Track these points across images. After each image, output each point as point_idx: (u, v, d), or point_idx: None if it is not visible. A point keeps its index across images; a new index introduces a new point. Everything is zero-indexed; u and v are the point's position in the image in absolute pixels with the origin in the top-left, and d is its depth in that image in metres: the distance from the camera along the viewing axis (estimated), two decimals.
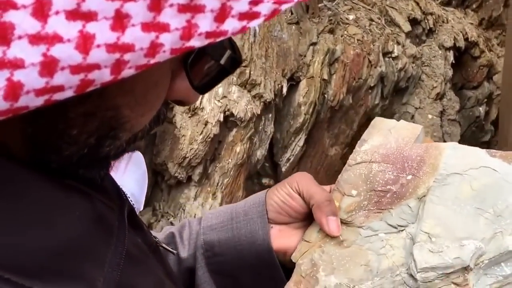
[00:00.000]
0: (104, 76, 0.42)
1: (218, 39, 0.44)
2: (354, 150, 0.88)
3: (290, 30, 2.32)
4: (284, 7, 0.43)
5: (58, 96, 0.41)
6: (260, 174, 2.49)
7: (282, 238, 0.85)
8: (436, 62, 2.84)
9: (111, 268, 0.48)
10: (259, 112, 2.20)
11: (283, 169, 2.49)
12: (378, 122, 0.90)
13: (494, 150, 0.82)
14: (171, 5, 0.43)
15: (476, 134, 3.36)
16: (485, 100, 3.29)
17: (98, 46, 0.40)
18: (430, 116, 2.95)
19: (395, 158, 0.84)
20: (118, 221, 0.54)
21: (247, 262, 0.85)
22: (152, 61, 0.44)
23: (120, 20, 0.41)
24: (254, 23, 0.45)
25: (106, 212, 0.53)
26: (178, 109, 2.06)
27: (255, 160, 2.34)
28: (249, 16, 0.44)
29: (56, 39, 0.39)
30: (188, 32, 0.43)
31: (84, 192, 0.52)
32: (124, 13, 0.41)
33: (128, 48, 0.42)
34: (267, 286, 0.87)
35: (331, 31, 2.44)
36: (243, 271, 0.86)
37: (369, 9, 2.57)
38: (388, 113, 2.90)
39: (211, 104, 2.08)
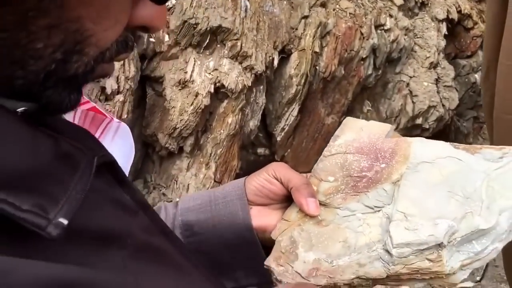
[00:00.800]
0: None
1: None
2: (328, 144, 0.92)
3: (282, 5, 2.35)
4: None
5: None
6: (255, 144, 2.53)
7: (261, 217, 0.89)
8: (428, 33, 2.86)
9: (75, 191, 0.49)
10: (250, 84, 2.21)
11: (278, 139, 2.52)
12: (350, 121, 0.95)
13: (457, 144, 0.87)
14: None
15: (474, 98, 3.39)
16: (480, 67, 3.32)
17: None
18: (425, 84, 2.97)
19: (369, 150, 0.89)
20: (86, 160, 0.54)
21: (227, 240, 0.88)
22: None
23: None
24: None
25: (73, 152, 0.54)
26: (168, 83, 2.08)
27: (248, 131, 2.36)
28: None
29: None
30: None
31: (50, 135, 0.53)
32: None
33: None
34: (245, 263, 0.90)
35: (323, 5, 2.46)
36: (221, 248, 0.89)
37: None
38: (382, 83, 2.93)
39: (201, 77, 2.09)
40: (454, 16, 2.96)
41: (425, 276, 0.77)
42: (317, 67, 2.46)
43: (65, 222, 0.47)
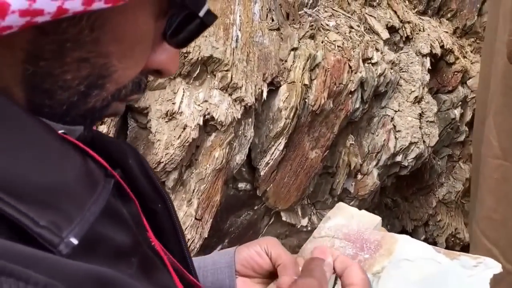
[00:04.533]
0: (76, 5, 0.46)
1: None
2: (318, 226, 1.00)
3: (271, 36, 2.30)
4: None
5: (38, 19, 0.46)
6: (236, 178, 2.46)
7: (244, 287, 0.94)
8: (413, 68, 2.86)
9: (89, 212, 0.51)
10: (239, 116, 2.16)
11: (262, 173, 2.47)
12: (343, 206, 1.04)
13: (438, 248, 0.95)
14: None
15: (451, 135, 3.41)
16: (460, 103, 3.33)
17: None
18: (409, 119, 2.97)
19: (356, 239, 0.96)
20: (104, 180, 0.56)
21: None
22: None
23: None
24: None
25: (95, 169, 0.56)
26: (154, 114, 2.01)
27: (234, 165, 2.31)
28: None
29: None
30: None
31: (77, 146, 0.56)
32: None
33: None
34: None
35: (312, 37, 2.43)
36: None
37: (349, 17, 2.57)
38: (367, 117, 2.90)
39: (190, 109, 2.03)
40: (438, 50, 2.97)
41: None
42: (306, 100, 2.41)
43: (75, 242, 0.48)
